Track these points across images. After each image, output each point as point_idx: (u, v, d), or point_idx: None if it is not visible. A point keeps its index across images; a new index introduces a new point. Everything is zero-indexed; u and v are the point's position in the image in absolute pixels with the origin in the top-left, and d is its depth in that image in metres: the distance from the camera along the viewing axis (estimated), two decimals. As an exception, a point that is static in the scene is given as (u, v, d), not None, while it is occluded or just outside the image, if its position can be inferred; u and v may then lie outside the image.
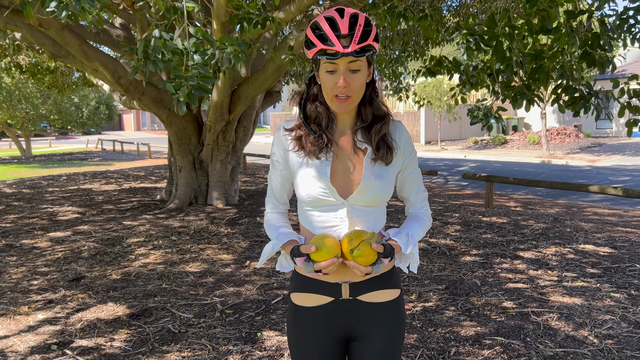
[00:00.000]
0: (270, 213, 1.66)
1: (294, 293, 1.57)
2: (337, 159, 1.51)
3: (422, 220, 1.61)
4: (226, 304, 3.94)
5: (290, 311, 1.59)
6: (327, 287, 1.51)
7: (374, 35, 1.39)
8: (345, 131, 1.53)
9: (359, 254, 1.36)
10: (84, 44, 6.60)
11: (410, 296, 4.07)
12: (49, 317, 3.74)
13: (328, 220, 1.50)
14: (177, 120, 7.98)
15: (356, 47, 1.35)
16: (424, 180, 1.72)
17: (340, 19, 1.37)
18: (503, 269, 4.72)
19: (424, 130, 25.60)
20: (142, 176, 13.71)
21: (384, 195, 1.51)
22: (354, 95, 1.43)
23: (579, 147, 19.41)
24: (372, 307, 1.52)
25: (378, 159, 1.49)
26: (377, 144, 1.49)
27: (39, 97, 21.63)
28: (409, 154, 1.58)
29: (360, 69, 1.40)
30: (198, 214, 7.48)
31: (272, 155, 1.59)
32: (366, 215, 1.51)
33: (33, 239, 6.22)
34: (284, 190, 1.62)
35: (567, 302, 3.83)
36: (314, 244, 1.40)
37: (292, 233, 1.55)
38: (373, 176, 1.48)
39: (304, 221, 1.55)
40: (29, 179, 13.68)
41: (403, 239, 1.50)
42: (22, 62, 10.10)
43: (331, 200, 1.48)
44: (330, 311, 1.52)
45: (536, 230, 6.23)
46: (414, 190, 1.62)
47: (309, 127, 1.50)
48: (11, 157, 23.03)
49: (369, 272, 1.39)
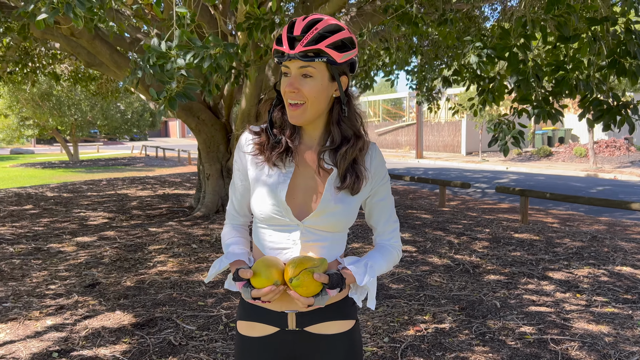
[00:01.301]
0: (228, 226, 1.55)
1: (239, 321, 1.47)
2: (298, 175, 1.39)
3: (387, 252, 1.47)
4: (231, 317, 3.86)
5: (236, 341, 1.48)
6: (273, 316, 1.40)
7: (333, 41, 1.27)
8: (312, 146, 1.41)
9: (297, 283, 1.24)
10: (114, 53, 6.74)
11: (423, 316, 3.87)
12: (57, 324, 3.76)
13: (279, 241, 1.38)
14: (206, 129, 8.05)
15: (302, 49, 1.25)
16: (458, 192, 1.58)
17: (301, 21, 1.29)
18: (527, 290, 4.45)
19: (465, 141, 25.06)
20: (178, 182, 13.94)
21: (344, 222, 1.39)
22: (307, 103, 1.31)
23: (629, 160, 18.47)
24: (321, 340, 1.40)
25: (343, 189, 1.36)
26: (344, 171, 1.37)
27: (87, 104, 22.44)
28: (380, 180, 1.44)
29: (314, 76, 1.29)
30: (222, 222, 7.48)
31: (234, 163, 1.49)
32: (322, 240, 1.38)
33: (60, 243, 6.36)
34: (244, 201, 1.50)
35: (592, 330, 3.55)
36: (254, 269, 1.28)
37: (243, 252, 1.44)
38: (334, 200, 1.36)
39: (256, 239, 1.44)
40: (71, 183, 14.15)
41: (360, 269, 1.36)
42: (65, 70, 10.46)
43: (285, 220, 1.36)
44: (276, 343, 1.40)
45: (570, 249, 5.89)
46: (383, 218, 1.48)
47: (271, 131, 1.39)
48: (60, 162, 23.97)
49: (311, 304, 1.27)
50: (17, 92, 18.56)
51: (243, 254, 1.43)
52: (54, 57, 8.23)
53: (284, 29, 1.31)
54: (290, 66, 1.30)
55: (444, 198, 9.48)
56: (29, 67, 9.05)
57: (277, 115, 1.41)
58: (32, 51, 9.06)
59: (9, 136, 22.83)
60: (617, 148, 19.97)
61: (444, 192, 9.53)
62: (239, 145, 1.46)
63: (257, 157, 1.41)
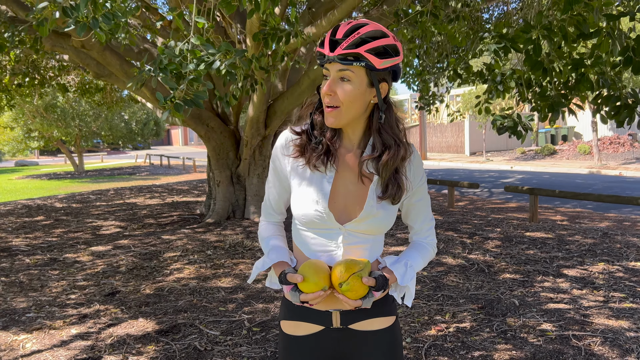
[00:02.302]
0: (265, 223, 1.58)
1: (283, 321, 1.50)
2: (339, 179, 1.41)
3: (424, 249, 1.51)
4: (254, 322, 3.90)
5: (280, 340, 1.51)
6: (318, 315, 1.44)
7: (374, 47, 1.28)
8: (351, 149, 1.43)
9: (347, 288, 1.29)
10: (124, 64, 6.81)
11: (443, 316, 3.91)
12: (82, 332, 3.81)
13: (322, 244, 1.41)
14: (215, 136, 8.10)
15: (341, 52, 1.28)
16: (466, 192, 1.63)
17: (345, 25, 1.31)
18: (544, 287, 4.48)
19: (469, 141, 25.07)
20: (185, 190, 14.00)
21: (385, 225, 1.42)
22: (342, 107, 1.33)
23: (634, 157, 18.48)
24: (365, 336, 1.44)
25: (385, 199, 1.39)
26: (385, 180, 1.38)
27: (91, 115, 22.56)
28: (418, 181, 1.46)
29: (351, 80, 1.31)
30: (235, 228, 7.53)
31: (272, 161, 1.49)
32: (364, 243, 1.42)
33: (76, 252, 6.41)
34: (282, 200, 1.53)
35: (612, 326, 3.58)
36: (302, 272, 1.32)
37: (284, 252, 1.47)
38: (376, 206, 1.39)
39: (298, 241, 1.47)
40: (79, 193, 14.23)
41: (400, 269, 1.41)
42: (71, 82, 10.54)
43: (327, 225, 1.39)
44: (321, 341, 1.44)
45: (583, 246, 5.91)
46: (420, 218, 1.52)
47: (312, 132, 1.41)
48: (65, 173, 24.07)
49: (359, 306, 1.31)
50: (23, 104, 18.67)
51: (285, 255, 1.46)
52: (62, 68, 8.31)
53: (328, 32, 1.34)
54: (330, 69, 1.32)
55: (452, 199, 9.52)
56: (37, 79, 9.13)
57: (318, 117, 1.42)
58: (39, 63, 9.16)
59: (14, 148, 22.95)
60: (621, 144, 19.98)
61: (453, 193, 9.57)
62: (279, 144, 1.46)
63: (298, 159, 1.42)
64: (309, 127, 1.43)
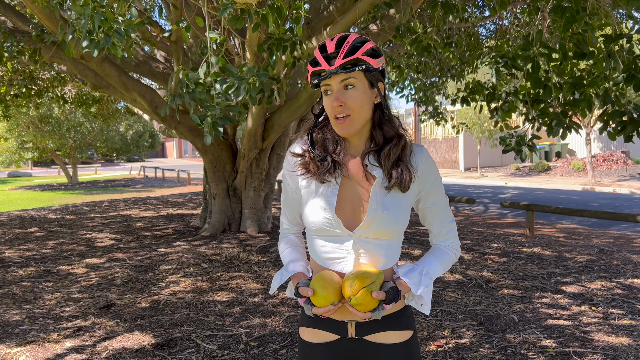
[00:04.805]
0: (284, 235, 1.61)
1: (302, 327, 1.52)
2: (345, 186, 1.42)
3: (444, 254, 1.50)
4: (251, 336, 3.86)
5: (299, 346, 1.54)
6: (334, 325, 1.45)
7: (366, 50, 1.34)
8: (357, 155, 1.45)
9: (356, 302, 1.28)
10: (122, 75, 6.81)
11: (442, 332, 3.88)
12: (77, 345, 3.74)
13: (333, 251, 1.42)
14: (212, 148, 8.09)
15: (342, 61, 1.32)
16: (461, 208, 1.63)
17: (330, 41, 1.36)
18: (543, 304, 4.47)
19: (463, 157, 25.18)
20: (180, 203, 13.94)
21: (394, 229, 1.41)
22: (353, 114, 1.36)
23: (627, 174, 18.61)
24: (380, 349, 1.42)
25: (392, 187, 1.39)
26: (389, 169, 1.40)
27: (86, 126, 22.50)
28: (431, 182, 1.46)
29: (355, 86, 1.35)
30: (231, 241, 7.49)
31: (283, 178, 1.54)
32: (376, 249, 1.40)
33: (70, 265, 6.34)
34: (296, 212, 1.56)
35: (612, 342, 3.57)
36: (313, 286, 1.33)
37: (301, 264, 1.50)
38: (381, 208, 1.38)
39: (311, 249, 1.49)
40: (73, 205, 14.12)
41: (415, 278, 1.39)
42: (67, 93, 10.53)
43: (336, 232, 1.40)
44: (337, 350, 1.45)
45: (580, 263, 5.92)
46: (438, 220, 1.51)
47: (314, 150, 1.43)
48: (59, 184, 23.92)
49: (369, 318, 1.31)
50: (18, 115, 18.60)
51: (301, 266, 1.48)
52: (60, 79, 8.30)
53: (316, 51, 1.38)
54: (332, 82, 1.36)
55: (448, 214, 9.51)
56: (34, 89, 9.10)
57: (318, 135, 1.46)
58: (36, 74, 9.14)
59: (9, 159, 22.80)
60: (615, 162, 20.14)
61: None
62: (287, 164, 1.51)
63: (306, 176, 1.46)
64: (309, 145, 1.46)
